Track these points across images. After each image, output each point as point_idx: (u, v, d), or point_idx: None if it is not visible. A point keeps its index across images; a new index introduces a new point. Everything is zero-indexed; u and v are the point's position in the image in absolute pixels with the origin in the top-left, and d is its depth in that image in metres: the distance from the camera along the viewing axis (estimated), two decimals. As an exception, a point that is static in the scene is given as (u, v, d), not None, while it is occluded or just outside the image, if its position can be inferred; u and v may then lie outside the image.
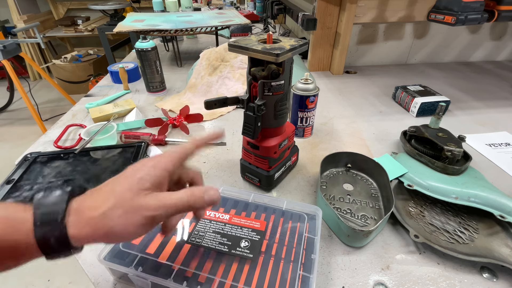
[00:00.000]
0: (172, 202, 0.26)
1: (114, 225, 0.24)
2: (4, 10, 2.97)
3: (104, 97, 0.90)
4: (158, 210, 0.26)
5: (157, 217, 0.26)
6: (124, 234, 0.25)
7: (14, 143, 2.18)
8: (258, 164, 0.52)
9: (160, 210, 0.26)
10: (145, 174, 0.27)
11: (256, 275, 0.35)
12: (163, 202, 0.26)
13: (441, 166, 0.53)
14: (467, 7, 0.80)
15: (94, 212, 0.25)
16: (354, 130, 0.73)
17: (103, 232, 0.24)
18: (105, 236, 0.25)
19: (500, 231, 0.45)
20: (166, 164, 0.29)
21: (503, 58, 1.23)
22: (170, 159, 0.30)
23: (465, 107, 0.84)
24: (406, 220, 0.46)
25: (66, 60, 2.73)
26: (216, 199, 0.29)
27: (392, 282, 0.39)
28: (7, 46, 1.82)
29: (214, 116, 0.79)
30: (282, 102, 0.46)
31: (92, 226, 0.24)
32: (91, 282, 0.39)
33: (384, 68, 1.14)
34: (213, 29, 1.09)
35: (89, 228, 0.24)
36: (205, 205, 0.28)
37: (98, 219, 0.24)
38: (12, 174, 0.56)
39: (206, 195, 0.28)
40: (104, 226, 0.24)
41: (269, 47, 0.41)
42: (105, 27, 2.23)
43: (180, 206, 0.27)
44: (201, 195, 0.28)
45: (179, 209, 0.27)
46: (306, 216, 0.43)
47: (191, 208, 0.28)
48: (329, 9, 0.97)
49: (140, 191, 0.26)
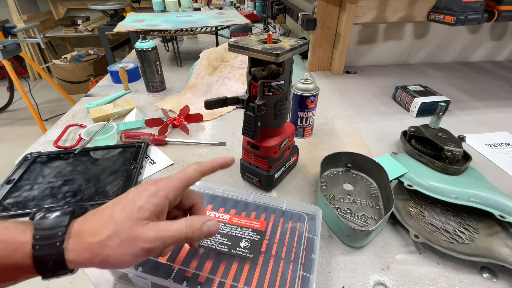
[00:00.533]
0: (170, 235, 0.26)
1: (111, 254, 0.25)
2: (4, 10, 2.96)
3: (104, 97, 0.90)
4: (155, 242, 0.26)
5: (154, 249, 0.26)
6: (119, 263, 0.25)
7: (14, 143, 2.18)
8: (258, 164, 0.52)
9: (157, 242, 0.26)
10: (145, 203, 0.27)
11: (256, 275, 0.35)
12: (161, 234, 0.26)
13: (441, 166, 0.53)
14: (467, 7, 0.80)
15: (93, 238, 0.25)
16: (354, 130, 0.73)
17: (100, 259, 0.25)
18: (101, 263, 0.25)
19: (500, 231, 0.45)
20: (167, 192, 0.28)
21: (503, 58, 1.23)
22: (172, 187, 0.29)
23: (465, 107, 0.84)
24: (406, 220, 0.46)
25: (66, 60, 2.72)
26: (214, 231, 0.29)
27: (392, 282, 0.39)
28: (7, 46, 1.82)
29: (214, 116, 0.79)
30: (282, 102, 0.46)
31: (90, 252, 0.24)
32: (91, 282, 0.39)
33: (384, 68, 1.14)
34: (213, 29, 1.09)
35: (87, 254, 0.24)
36: (203, 237, 0.28)
37: (97, 245, 0.25)
38: (12, 174, 0.56)
39: (205, 227, 0.28)
40: (101, 253, 0.24)
41: (269, 47, 0.41)
42: (105, 27, 2.23)
43: (177, 238, 0.27)
44: (199, 227, 0.28)
45: (176, 241, 0.27)
46: (306, 216, 0.43)
47: (188, 240, 0.28)
48: (329, 9, 0.97)
49: (138, 221, 0.26)
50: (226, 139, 0.69)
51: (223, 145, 0.67)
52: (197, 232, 0.28)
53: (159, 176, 0.55)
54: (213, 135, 0.72)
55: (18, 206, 0.49)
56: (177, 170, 0.60)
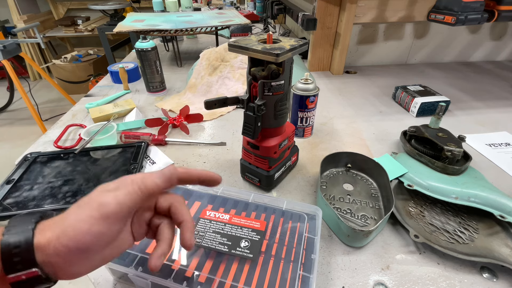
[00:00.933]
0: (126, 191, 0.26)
1: (68, 225, 0.24)
2: (4, 10, 2.96)
3: (104, 97, 0.90)
4: (112, 202, 0.25)
5: (112, 212, 0.25)
6: (79, 236, 0.23)
7: (14, 143, 2.18)
8: (258, 164, 0.52)
9: (113, 201, 0.25)
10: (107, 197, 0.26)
11: (256, 275, 0.35)
12: (118, 195, 0.26)
13: (441, 166, 0.53)
14: (467, 7, 0.80)
15: (56, 218, 0.24)
16: (354, 130, 0.73)
17: (58, 233, 0.23)
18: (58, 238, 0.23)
19: (500, 231, 0.45)
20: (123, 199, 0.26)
21: (503, 58, 1.23)
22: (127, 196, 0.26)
23: (465, 107, 0.84)
24: (406, 220, 0.46)
25: (66, 60, 2.73)
26: (171, 171, 0.28)
27: (392, 282, 0.39)
28: (7, 46, 1.82)
29: (214, 116, 0.79)
30: (282, 102, 0.46)
31: (52, 230, 0.23)
32: (91, 282, 0.39)
33: (384, 68, 1.14)
34: (213, 29, 1.09)
35: (50, 233, 0.23)
36: (163, 184, 0.28)
37: (58, 221, 0.24)
38: (12, 174, 0.56)
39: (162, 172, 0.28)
40: (60, 226, 0.24)
41: (269, 47, 0.41)
42: (105, 27, 2.23)
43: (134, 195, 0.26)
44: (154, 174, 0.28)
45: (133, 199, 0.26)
46: (306, 216, 0.43)
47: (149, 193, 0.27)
48: (329, 9, 0.97)
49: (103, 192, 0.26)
50: (226, 139, 0.69)
51: (223, 145, 0.67)
52: (152, 178, 0.27)
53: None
54: (213, 135, 0.72)
55: (18, 206, 0.49)
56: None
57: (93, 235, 0.24)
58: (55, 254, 0.23)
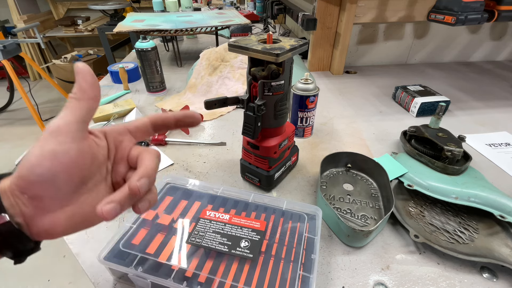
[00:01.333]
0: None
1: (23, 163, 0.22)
2: (4, 10, 2.97)
3: (104, 97, 0.90)
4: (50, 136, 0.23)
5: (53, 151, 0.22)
6: (33, 156, 0.22)
7: (14, 143, 2.18)
8: (258, 164, 0.52)
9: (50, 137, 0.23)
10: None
11: (256, 275, 0.35)
12: None
13: (441, 166, 0.53)
14: (467, 7, 0.80)
15: None
16: (354, 130, 0.73)
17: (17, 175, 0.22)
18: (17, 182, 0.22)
19: (500, 231, 0.45)
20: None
21: (503, 58, 1.23)
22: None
23: (465, 107, 0.84)
24: (406, 220, 0.46)
25: (66, 60, 2.72)
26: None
27: (392, 282, 0.39)
28: (7, 46, 1.82)
29: (214, 116, 0.79)
30: (282, 102, 0.46)
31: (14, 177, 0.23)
32: (91, 282, 0.39)
33: (384, 68, 1.14)
34: (213, 29, 1.09)
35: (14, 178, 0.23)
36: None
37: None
38: (12, 174, 0.56)
39: None
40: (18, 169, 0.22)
41: (269, 47, 0.41)
42: (105, 27, 2.23)
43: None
44: None
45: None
46: (306, 216, 0.43)
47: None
48: (329, 9, 0.97)
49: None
50: (226, 139, 0.69)
51: (223, 145, 0.67)
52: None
53: (159, 176, 0.55)
54: (213, 135, 0.72)
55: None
56: (177, 170, 0.60)
57: (47, 157, 0.22)
58: (20, 193, 0.22)
